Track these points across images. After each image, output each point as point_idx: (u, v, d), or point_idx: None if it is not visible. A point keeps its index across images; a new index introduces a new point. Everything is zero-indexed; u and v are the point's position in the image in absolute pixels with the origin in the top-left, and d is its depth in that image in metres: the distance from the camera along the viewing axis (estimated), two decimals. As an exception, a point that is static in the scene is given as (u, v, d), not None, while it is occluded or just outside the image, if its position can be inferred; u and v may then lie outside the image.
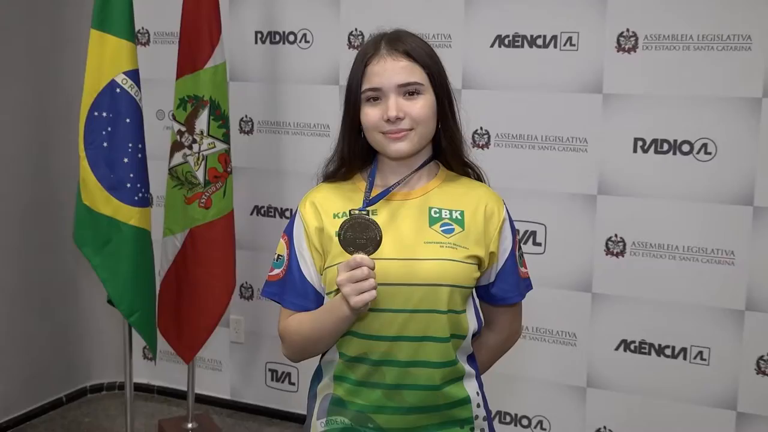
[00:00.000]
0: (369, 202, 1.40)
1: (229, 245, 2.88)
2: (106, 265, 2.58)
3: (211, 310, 2.89)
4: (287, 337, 1.43)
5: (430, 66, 1.39)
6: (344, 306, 1.30)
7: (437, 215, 1.41)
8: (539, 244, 2.77)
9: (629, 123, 2.59)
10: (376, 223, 1.28)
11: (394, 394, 1.36)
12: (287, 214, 3.17)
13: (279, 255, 1.46)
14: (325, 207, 1.43)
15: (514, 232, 1.47)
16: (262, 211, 3.22)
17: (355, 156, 1.43)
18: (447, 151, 1.44)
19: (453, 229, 1.39)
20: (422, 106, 1.37)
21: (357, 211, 1.29)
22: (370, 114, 1.38)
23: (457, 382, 1.40)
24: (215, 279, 2.86)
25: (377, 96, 1.37)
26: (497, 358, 1.56)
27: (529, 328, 2.81)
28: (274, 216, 3.19)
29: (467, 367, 1.43)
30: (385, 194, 1.42)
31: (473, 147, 2.75)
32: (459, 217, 1.41)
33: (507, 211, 1.46)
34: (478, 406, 1.43)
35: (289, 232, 1.46)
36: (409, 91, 1.37)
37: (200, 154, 2.80)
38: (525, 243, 2.78)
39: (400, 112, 1.36)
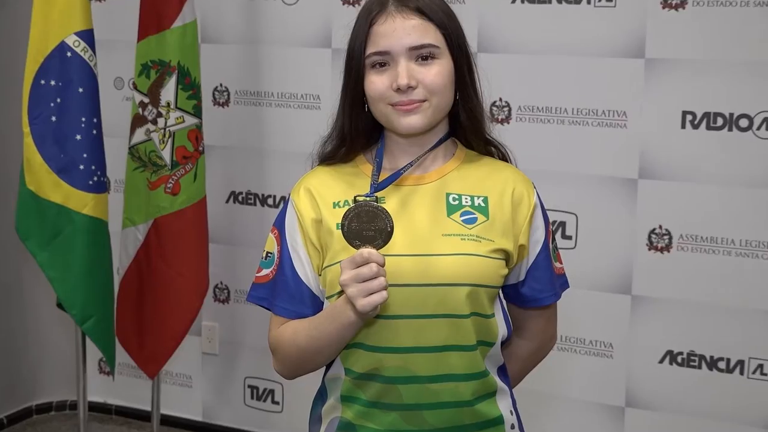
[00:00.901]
0: (377, 186, 1.41)
1: (200, 238, 2.92)
2: (55, 262, 2.60)
3: (180, 316, 2.92)
4: (280, 350, 1.45)
5: (446, 25, 1.39)
6: (349, 310, 1.32)
7: (456, 202, 1.42)
8: (569, 238, 2.78)
9: (676, 93, 2.59)
10: (387, 212, 1.30)
11: (413, 416, 1.37)
12: (270, 201, 3.18)
13: (268, 252, 1.47)
14: (323, 194, 1.44)
15: (547, 220, 1.50)
16: (241, 198, 3.23)
17: (357, 133, 1.44)
18: (466, 126, 1.46)
19: (475, 219, 1.41)
20: (438, 72, 1.38)
21: (364, 198, 1.31)
22: (376, 83, 1.38)
23: (488, 399, 1.42)
24: (184, 278, 2.89)
25: (384, 61, 1.38)
26: (528, 370, 1.60)
27: (558, 336, 2.81)
28: (255, 204, 3.20)
29: (499, 382, 1.45)
30: (394, 178, 1.43)
31: (491, 122, 2.75)
32: (482, 204, 1.42)
33: (538, 196, 1.49)
34: (513, 427, 1.46)
35: (279, 225, 1.47)
36: (423, 55, 1.37)
37: (167, 130, 2.82)
38: (558, 237, 2.78)
39: (412, 80, 1.36)
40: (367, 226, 1.29)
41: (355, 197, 1.31)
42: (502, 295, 1.50)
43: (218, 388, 3.38)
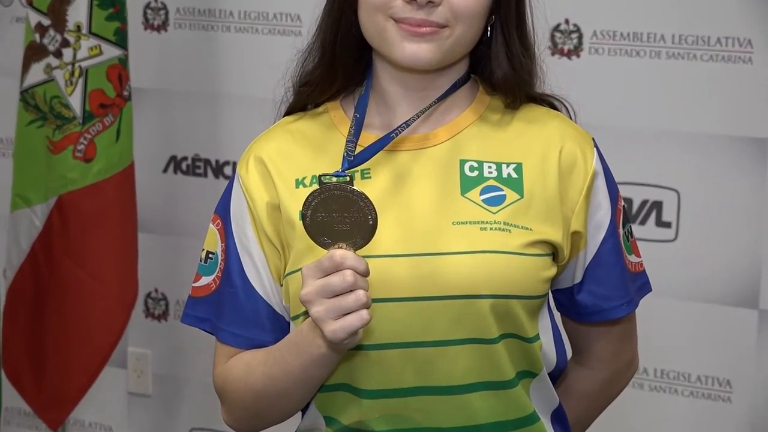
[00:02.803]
0: (355, 158, 1.44)
1: (126, 225, 2.97)
2: None
3: (96, 339, 2.96)
4: (229, 393, 1.50)
5: None
6: (318, 338, 1.36)
7: (475, 173, 1.46)
8: (666, 225, 2.79)
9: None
10: (366, 198, 1.32)
11: None
12: (227, 171, 3.20)
13: (209, 253, 1.54)
14: (281, 167, 1.49)
15: (615, 193, 1.52)
16: (185, 167, 3.25)
17: (346, 50, 1.48)
18: (500, 77, 1.49)
19: (503, 197, 1.44)
20: None
21: (332, 177, 1.33)
22: None
23: None
24: (102, 284, 2.94)
25: None
26: (597, 414, 1.64)
27: (649, 369, 2.84)
28: (205, 174, 3.25)
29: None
30: (382, 145, 1.46)
31: (551, 54, 2.76)
32: (513, 174, 1.46)
33: (600, 156, 1.51)
34: None
35: (223, 213, 1.53)
36: None
37: (76, 66, 2.84)
38: (641, 223, 2.79)
39: None
40: (338, 217, 1.32)
41: (319, 177, 1.33)
42: (551, 303, 1.53)
43: (152, 443, 3.39)
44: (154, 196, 3.26)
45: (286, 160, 1.49)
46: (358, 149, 1.45)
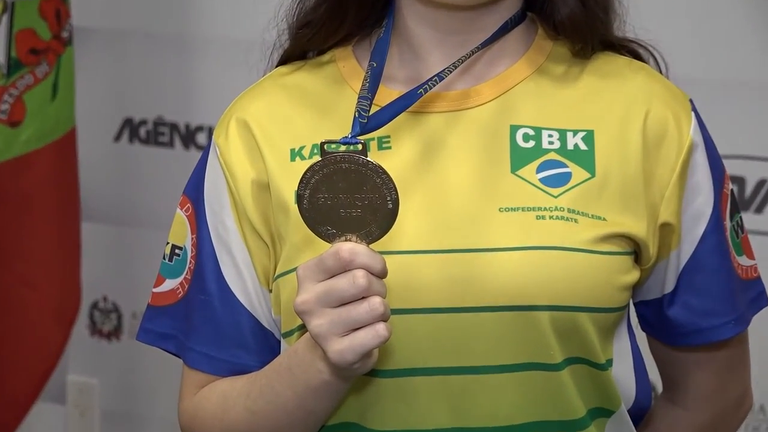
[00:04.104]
0: (371, 120, 1.44)
1: (66, 212, 3.02)
2: None
3: (26, 364, 3.01)
4: None
5: None
6: (318, 360, 1.36)
7: (531, 143, 1.47)
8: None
9: None
10: (384, 171, 1.32)
11: None
12: (200, 139, 3.26)
13: (175, 247, 1.57)
14: (273, 133, 1.51)
15: (720, 174, 1.53)
16: (144, 134, 3.31)
17: None
18: (567, 14, 1.50)
19: (567, 175, 1.46)
20: None
21: (339, 146, 1.33)
22: None
23: None
24: (34, 291, 2.99)
25: None
26: None
27: (767, 408, 2.86)
28: (170, 143, 3.31)
29: None
30: (411, 100, 1.47)
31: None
32: (582, 145, 1.47)
33: (699, 124, 1.52)
34: None
35: (194, 195, 1.56)
36: None
37: (-3, -2, 2.86)
38: (757, 211, 2.80)
39: None
40: (347, 199, 1.32)
41: (321, 145, 1.32)
42: (632, 319, 1.54)
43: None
44: (102, 173, 3.32)
45: (278, 125, 1.51)
46: (374, 109, 1.44)
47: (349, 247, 1.29)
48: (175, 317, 1.54)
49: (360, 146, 1.31)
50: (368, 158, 1.31)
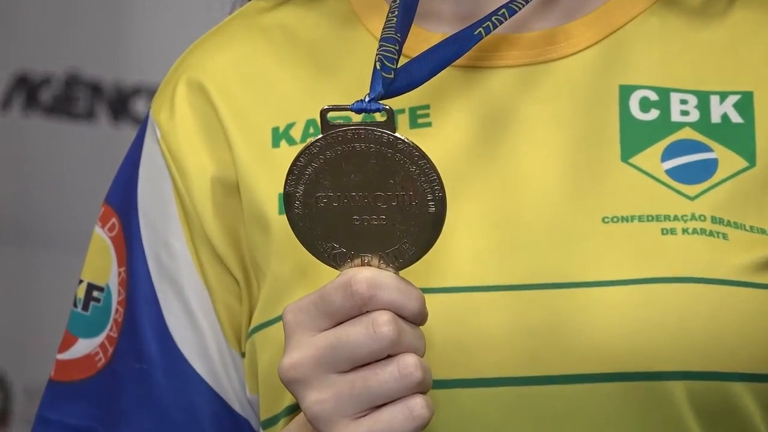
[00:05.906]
0: (399, 76, 1.18)
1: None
2: None
3: None
4: None
5: None
6: None
7: (653, 113, 1.28)
8: None
9: None
10: (423, 154, 1.11)
11: None
12: (136, 109, 3.23)
13: (92, 287, 1.39)
14: (244, 102, 1.34)
15: None
16: (47, 97, 3.26)
17: None
18: None
19: (712, 164, 1.25)
20: None
21: (350, 116, 1.15)
22: None
23: None
24: None
25: None
26: None
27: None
28: (89, 115, 3.26)
29: None
30: (464, 47, 1.24)
31: None
32: (735, 115, 1.28)
33: None
34: None
35: (121, 203, 1.39)
36: None
37: None
38: None
39: None
40: (363, 200, 1.11)
41: (322, 114, 1.10)
42: None
43: None
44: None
45: (253, 90, 1.33)
46: (405, 60, 1.18)
47: (368, 276, 1.10)
48: (93, 399, 1.34)
49: (384, 115, 1.11)
50: (398, 135, 1.11)
